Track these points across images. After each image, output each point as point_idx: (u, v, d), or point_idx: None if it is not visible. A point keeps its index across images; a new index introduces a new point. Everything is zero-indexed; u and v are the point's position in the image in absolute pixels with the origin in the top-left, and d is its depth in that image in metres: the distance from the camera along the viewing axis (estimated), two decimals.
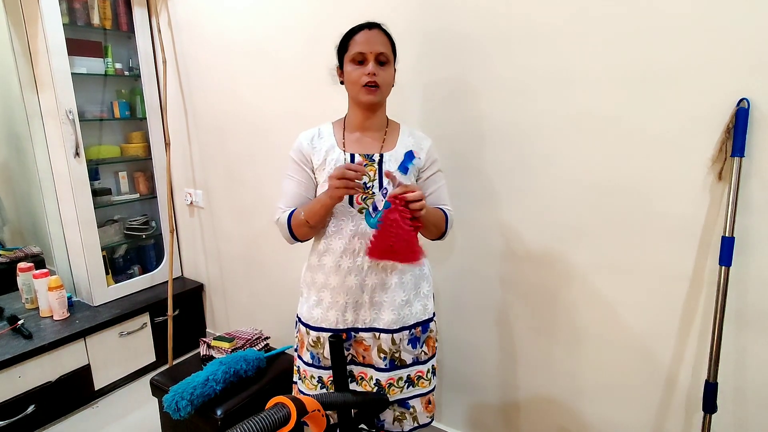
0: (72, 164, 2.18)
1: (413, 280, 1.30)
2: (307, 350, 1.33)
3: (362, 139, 1.28)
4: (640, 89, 1.24)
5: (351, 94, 1.26)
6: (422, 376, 1.33)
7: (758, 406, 1.25)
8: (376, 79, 1.19)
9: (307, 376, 1.35)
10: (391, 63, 1.24)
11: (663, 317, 1.34)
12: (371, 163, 1.24)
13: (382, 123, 1.30)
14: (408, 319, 1.29)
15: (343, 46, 1.24)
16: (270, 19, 1.93)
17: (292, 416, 0.87)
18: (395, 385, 1.30)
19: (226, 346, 1.87)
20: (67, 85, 2.12)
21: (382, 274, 1.25)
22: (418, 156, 1.16)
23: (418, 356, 1.32)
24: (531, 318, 1.57)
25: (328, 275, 1.27)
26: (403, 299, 1.27)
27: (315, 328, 1.30)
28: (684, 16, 1.15)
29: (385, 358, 1.28)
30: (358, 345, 1.30)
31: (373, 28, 1.22)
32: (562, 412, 1.58)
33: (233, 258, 2.45)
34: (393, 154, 1.25)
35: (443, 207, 1.32)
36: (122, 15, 2.37)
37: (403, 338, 1.29)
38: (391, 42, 1.25)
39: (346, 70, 1.23)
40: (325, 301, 1.29)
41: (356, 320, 1.28)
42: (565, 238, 1.44)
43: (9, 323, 2.11)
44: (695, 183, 1.22)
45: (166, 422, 1.82)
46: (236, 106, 2.17)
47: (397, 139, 1.29)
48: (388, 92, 1.26)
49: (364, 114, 1.26)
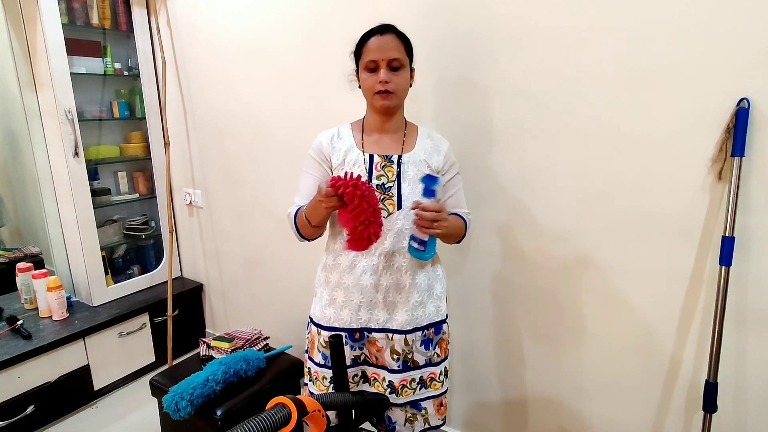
0: (71, 164, 2.17)
1: (427, 281, 1.31)
2: (318, 351, 1.33)
3: (381, 141, 1.28)
4: (641, 89, 1.24)
5: (367, 100, 1.27)
6: (435, 378, 1.33)
7: (758, 406, 1.25)
8: (388, 87, 1.19)
9: (319, 377, 1.34)
10: (406, 66, 1.23)
11: (663, 317, 1.34)
12: (390, 164, 1.25)
13: (400, 125, 1.31)
14: (421, 320, 1.29)
15: (357, 52, 1.25)
16: (269, 19, 1.93)
17: (292, 416, 0.87)
18: (408, 387, 1.30)
19: (225, 347, 1.87)
20: (66, 85, 2.12)
21: (396, 274, 1.26)
22: (440, 174, 1.24)
23: (431, 358, 1.32)
24: (531, 318, 1.57)
25: (342, 274, 1.28)
26: (417, 300, 1.28)
27: (327, 328, 1.30)
28: (685, 17, 1.15)
29: (398, 359, 1.28)
30: (371, 345, 1.31)
31: (385, 32, 1.21)
32: (563, 412, 1.58)
33: (232, 258, 2.45)
34: (412, 155, 1.26)
35: (461, 212, 1.34)
36: (121, 15, 2.36)
37: (416, 339, 1.29)
38: (405, 44, 1.23)
39: (361, 77, 1.24)
40: (339, 300, 1.29)
41: (370, 320, 1.28)
42: (566, 238, 1.45)
43: (8, 323, 2.11)
44: (695, 183, 1.22)
45: (165, 422, 1.81)
46: (235, 105, 2.17)
47: (415, 141, 1.30)
48: (404, 96, 1.26)
49: (381, 117, 1.27)
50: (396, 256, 1.25)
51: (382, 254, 1.24)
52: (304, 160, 1.31)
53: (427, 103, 1.60)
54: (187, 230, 2.66)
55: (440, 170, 1.30)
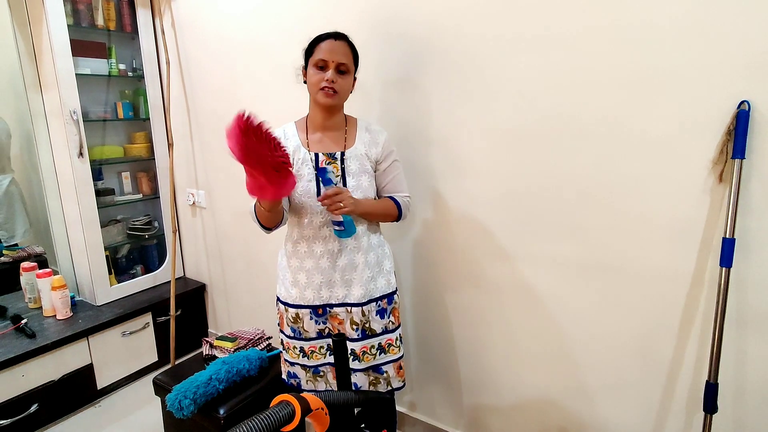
0: (76, 164, 2.19)
1: (376, 258, 1.47)
2: (287, 325, 1.50)
3: (323, 139, 1.41)
4: (642, 91, 1.25)
5: (311, 95, 1.38)
6: (392, 343, 1.50)
7: (759, 407, 1.25)
8: (334, 86, 1.31)
9: (290, 347, 1.51)
10: (351, 73, 1.36)
11: (664, 318, 1.34)
12: (334, 161, 1.38)
13: (341, 122, 1.43)
14: (374, 293, 1.46)
15: (309, 50, 1.36)
16: (272, 20, 1.94)
17: (296, 414, 0.88)
18: (368, 353, 1.46)
19: (228, 346, 1.88)
20: (71, 86, 2.13)
21: (350, 255, 1.42)
22: (368, 158, 1.40)
23: (387, 326, 1.48)
24: (531, 319, 1.58)
25: (303, 259, 1.43)
26: (369, 276, 1.44)
27: (294, 306, 1.47)
28: (685, 19, 1.16)
29: (357, 329, 1.44)
30: (333, 319, 1.47)
31: (339, 38, 1.33)
32: (563, 413, 1.59)
33: (235, 258, 2.46)
34: (353, 151, 1.40)
35: (398, 195, 1.47)
36: (126, 16, 2.38)
37: (371, 310, 1.46)
38: (354, 54, 1.37)
39: (309, 72, 1.35)
40: (301, 282, 1.44)
41: (330, 297, 1.44)
42: (565, 239, 1.45)
43: (12, 322, 2.12)
44: (696, 185, 1.22)
45: (168, 421, 1.83)
46: (238, 106, 2.16)
47: (355, 136, 1.43)
48: (345, 98, 1.39)
49: (323, 114, 1.39)
50: (348, 240, 1.40)
51: (337, 240, 1.39)
52: None
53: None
54: (190, 230, 2.67)
55: (378, 159, 1.43)
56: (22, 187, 2.75)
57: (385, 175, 1.45)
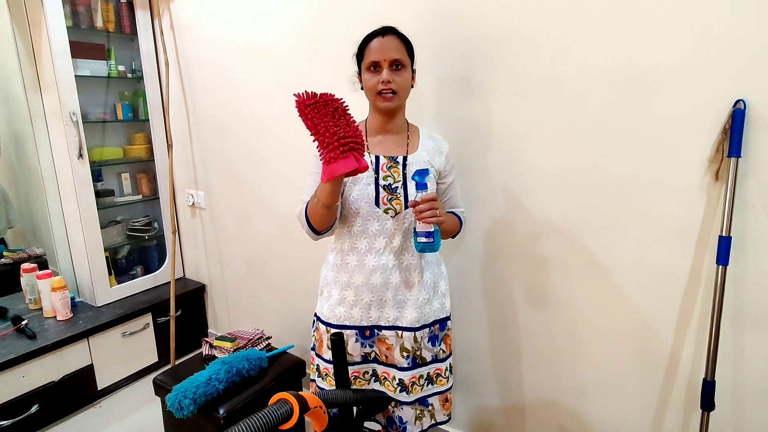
0: (75, 165, 2.20)
1: (432, 278, 1.35)
2: (328, 348, 1.35)
3: (384, 142, 1.31)
4: (638, 90, 1.25)
5: (369, 101, 1.28)
6: (441, 373, 1.38)
7: (755, 404, 1.26)
8: (391, 86, 1.20)
9: (329, 373, 1.36)
10: (407, 66, 1.24)
11: (661, 316, 1.35)
12: (395, 165, 1.27)
13: (402, 126, 1.33)
14: (428, 317, 1.33)
15: (360, 54, 1.27)
16: (271, 21, 1.94)
17: (294, 412, 0.88)
18: (417, 383, 1.34)
19: (228, 346, 1.89)
20: (71, 87, 2.14)
21: (405, 272, 1.30)
22: (431, 166, 1.29)
23: (437, 354, 1.36)
24: (530, 318, 1.59)
25: (352, 274, 1.30)
26: (424, 297, 1.32)
27: (337, 326, 1.33)
28: (681, 17, 1.17)
29: (407, 357, 1.32)
30: (380, 343, 1.34)
31: (386, 34, 1.23)
32: (562, 411, 1.60)
33: (235, 259, 2.47)
34: (416, 156, 1.30)
35: (457, 211, 1.40)
36: (125, 18, 2.39)
37: (424, 336, 1.33)
38: (406, 44, 1.25)
39: (363, 77, 1.26)
40: (349, 299, 1.31)
41: (380, 318, 1.32)
42: (563, 238, 1.46)
43: (13, 323, 2.13)
44: (692, 183, 1.23)
45: (168, 421, 1.83)
46: (237, 107, 2.19)
47: (418, 142, 1.33)
48: (406, 95, 1.27)
49: (383, 118, 1.29)
50: (405, 254, 1.29)
51: (392, 253, 1.27)
52: (310, 162, 1.33)
53: (435, 103, 1.61)
54: (189, 231, 2.68)
55: (442, 171, 1.34)
56: (15, 189, 2.74)
57: (449, 190, 1.38)
